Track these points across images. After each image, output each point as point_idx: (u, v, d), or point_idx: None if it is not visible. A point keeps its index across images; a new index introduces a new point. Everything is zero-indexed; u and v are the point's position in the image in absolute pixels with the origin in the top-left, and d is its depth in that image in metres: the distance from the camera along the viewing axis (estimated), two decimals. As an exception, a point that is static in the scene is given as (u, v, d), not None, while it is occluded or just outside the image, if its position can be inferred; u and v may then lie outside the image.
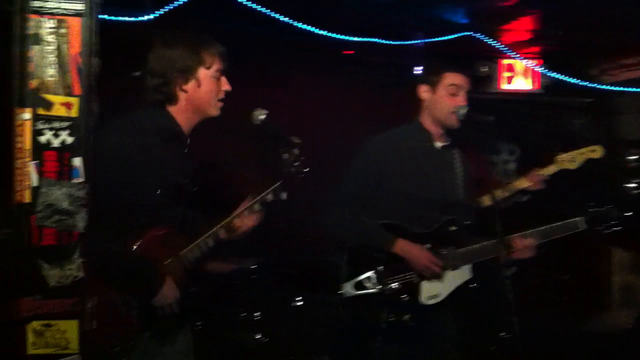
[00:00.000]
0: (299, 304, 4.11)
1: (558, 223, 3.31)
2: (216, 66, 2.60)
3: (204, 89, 2.58)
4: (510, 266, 3.24)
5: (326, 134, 5.64)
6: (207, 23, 4.73)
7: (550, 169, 3.77)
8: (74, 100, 2.12)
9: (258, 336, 4.05)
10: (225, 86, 2.64)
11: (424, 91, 3.30)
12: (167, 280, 2.50)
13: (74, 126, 2.12)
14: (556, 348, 5.48)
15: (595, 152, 3.75)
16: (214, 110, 2.63)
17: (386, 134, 3.37)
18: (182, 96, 2.58)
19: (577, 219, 3.32)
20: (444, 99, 3.23)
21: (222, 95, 2.64)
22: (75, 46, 2.14)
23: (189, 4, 4.02)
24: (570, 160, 3.76)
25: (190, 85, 2.57)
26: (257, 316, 4.13)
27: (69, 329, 2.06)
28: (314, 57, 5.49)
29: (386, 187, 3.22)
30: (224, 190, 3.15)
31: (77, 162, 2.11)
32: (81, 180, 2.10)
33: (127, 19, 3.85)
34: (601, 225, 3.34)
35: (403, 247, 3.15)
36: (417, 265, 3.13)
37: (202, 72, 2.57)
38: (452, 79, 3.24)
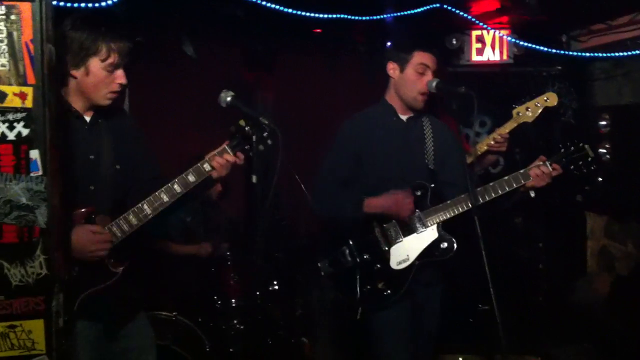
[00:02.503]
0: (275, 287, 4.06)
1: (520, 171, 3.24)
2: (112, 60, 2.54)
3: (91, 79, 2.55)
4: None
5: (301, 114, 5.65)
6: (171, 6, 4.65)
7: (509, 126, 3.69)
8: (28, 90, 2.03)
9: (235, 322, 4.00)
10: (120, 80, 2.59)
11: (392, 69, 3.32)
12: (76, 229, 2.44)
13: (29, 117, 2.02)
14: (533, 317, 5.55)
15: (549, 100, 3.66)
16: (103, 101, 2.60)
17: (359, 115, 3.40)
18: (71, 80, 2.56)
19: (540, 162, 3.25)
20: (411, 79, 3.25)
21: (114, 88, 2.60)
22: (27, 33, 2.04)
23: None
24: (526, 112, 3.66)
25: (79, 72, 2.54)
26: (233, 303, 4.07)
27: (35, 329, 1.99)
28: (284, 37, 5.45)
29: (365, 166, 3.28)
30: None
31: (35, 154, 2.02)
32: (40, 173, 2.02)
33: (85, 5, 3.68)
34: (574, 165, 3.25)
35: (371, 202, 3.20)
36: (389, 208, 3.17)
37: (94, 63, 2.53)
38: (421, 58, 3.24)
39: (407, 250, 3.20)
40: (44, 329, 1.99)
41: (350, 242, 3.23)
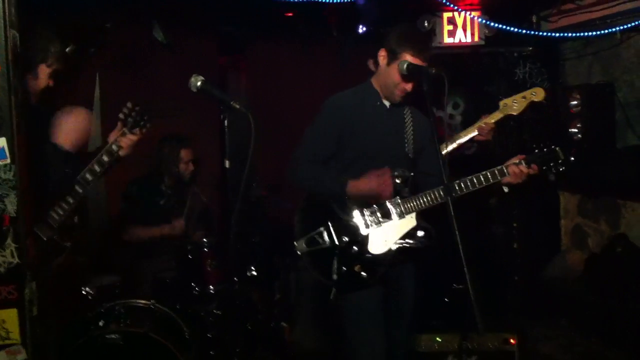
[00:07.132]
0: (253, 273, 4.06)
1: (498, 167, 3.24)
2: (55, 67, 2.85)
3: (39, 83, 2.83)
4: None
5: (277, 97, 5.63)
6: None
7: (495, 116, 3.84)
8: (-8, 77, 1.99)
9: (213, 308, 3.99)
10: (50, 83, 2.89)
11: (382, 56, 3.30)
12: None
13: (-6, 105, 1.99)
14: (509, 295, 5.63)
15: (536, 94, 3.79)
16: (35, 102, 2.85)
17: (343, 94, 3.39)
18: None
19: (518, 160, 3.24)
20: (394, 75, 3.23)
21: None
22: (-11, 19, 2.00)
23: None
24: (512, 105, 3.80)
25: (29, 76, 2.75)
26: (211, 289, 4.07)
27: (9, 318, 1.96)
28: (256, 21, 5.42)
29: (345, 144, 3.29)
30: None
31: (2, 142, 1.99)
32: (7, 161, 1.99)
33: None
34: (547, 166, 3.24)
35: (355, 185, 3.20)
36: (372, 190, 3.18)
37: (42, 69, 2.82)
38: (410, 60, 3.18)
39: (385, 235, 3.23)
40: (18, 318, 1.98)
41: (329, 224, 3.24)
